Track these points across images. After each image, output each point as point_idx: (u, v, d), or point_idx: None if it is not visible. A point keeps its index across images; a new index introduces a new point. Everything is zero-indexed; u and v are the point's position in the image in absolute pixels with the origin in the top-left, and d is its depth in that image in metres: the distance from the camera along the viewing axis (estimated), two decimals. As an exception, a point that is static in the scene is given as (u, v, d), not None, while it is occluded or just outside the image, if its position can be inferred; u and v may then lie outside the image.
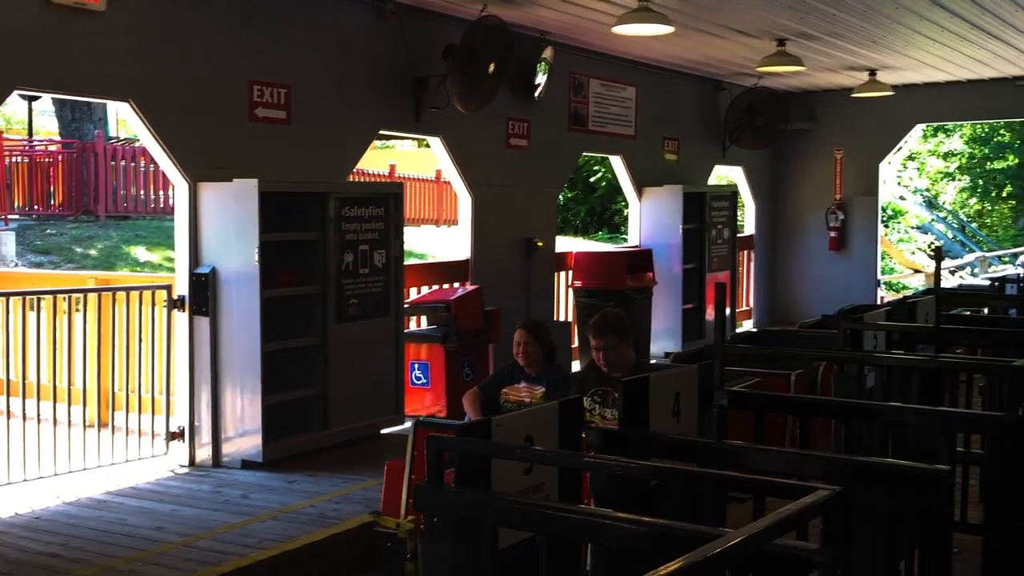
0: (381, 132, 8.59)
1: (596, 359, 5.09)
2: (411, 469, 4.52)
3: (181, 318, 6.87)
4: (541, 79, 9.48)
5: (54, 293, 6.87)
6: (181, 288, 6.88)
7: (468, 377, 8.21)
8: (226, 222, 6.72)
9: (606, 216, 24.88)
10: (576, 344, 10.41)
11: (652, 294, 10.79)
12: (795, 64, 9.83)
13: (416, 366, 8.13)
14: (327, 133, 7.65)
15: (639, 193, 11.35)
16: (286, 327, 6.94)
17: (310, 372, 7.10)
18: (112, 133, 22.52)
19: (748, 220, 14.01)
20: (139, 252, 15.57)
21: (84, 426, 6.80)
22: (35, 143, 19.40)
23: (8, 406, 6.89)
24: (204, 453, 6.84)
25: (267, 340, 6.68)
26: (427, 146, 26.07)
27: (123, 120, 24.69)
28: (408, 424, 6.44)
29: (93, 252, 15.22)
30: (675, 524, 2.06)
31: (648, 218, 11.35)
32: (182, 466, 6.83)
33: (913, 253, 24.63)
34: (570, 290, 10.68)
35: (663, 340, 10.95)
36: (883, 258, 14.88)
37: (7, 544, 5.33)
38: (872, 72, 11.60)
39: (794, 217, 13.98)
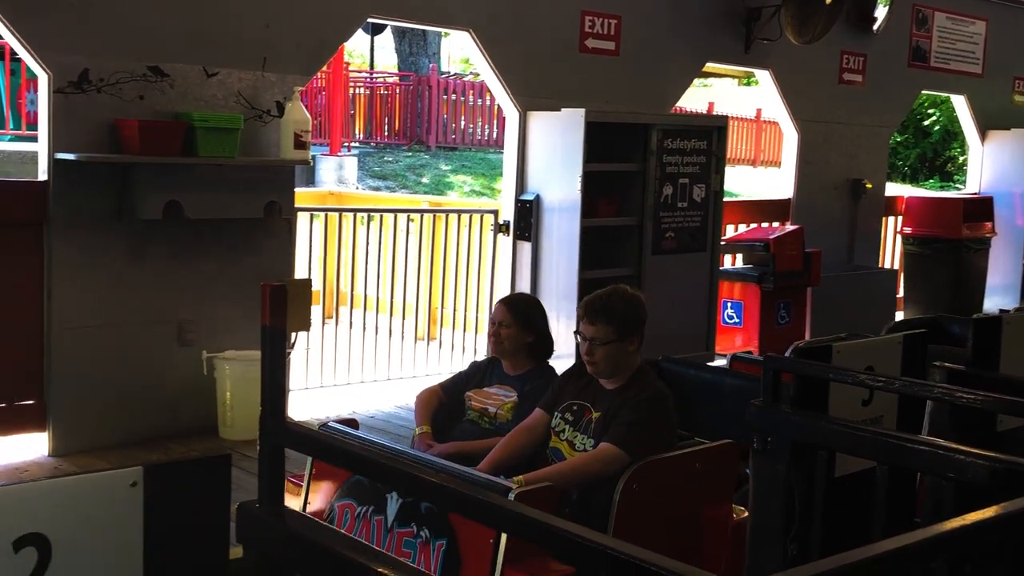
0: (705, 68, 8.44)
1: (581, 353, 3.64)
2: None
3: (505, 242, 7.15)
4: (881, 11, 8.96)
5: (394, 211, 7.35)
6: (507, 213, 7.15)
7: (783, 320, 8.01)
8: (552, 150, 6.89)
9: (938, 163, 23.30)
10: (900, 294, 9.89)
11: (990, 246, 10.02)
12: None
13: (729, 304, 8.02)
14: (653, 64, 7.62)
15: (982, 136, 10.52)
16: (602, 256, 7.04)
17: (624, 302, 7.18)
18: (444, 68, 23.58)
19: (1108, 171, 12.64)
20: (465, 181, 16.34)
21: (415, 338, 7.27)
22: (376, 75, 20.69)
23: (351, 317, 7.50)
24: (521, 372, 7.12)
25: (584, 268, 6.82)
26: (747, 84, 25.43)
27: (463, 58, 25.79)
28: (721, 362, 6.39)
29: (424, 180, 16.14)
30: (1038, 464, 1.92)
31: (991, 164, 10.51)
32: (500, 383, 7.15)
33: None
34: (898, 237, 10.13)
35: (999, 296, 10.16)
36: None
37: (346, 438, 5.83)
38: None
39: None
